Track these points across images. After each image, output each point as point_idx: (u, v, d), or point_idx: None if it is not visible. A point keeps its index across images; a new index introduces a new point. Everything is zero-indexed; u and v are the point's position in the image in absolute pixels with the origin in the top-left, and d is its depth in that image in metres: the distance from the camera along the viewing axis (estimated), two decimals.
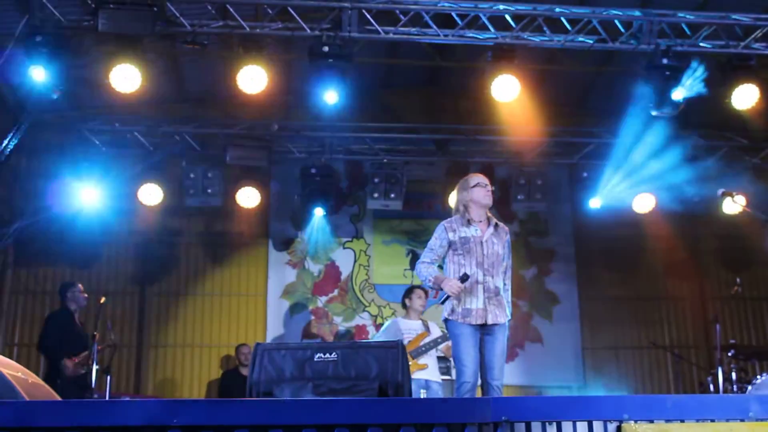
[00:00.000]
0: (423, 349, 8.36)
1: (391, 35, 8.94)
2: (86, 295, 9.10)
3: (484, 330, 5.93)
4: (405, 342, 8.10)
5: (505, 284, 6.17)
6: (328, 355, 4.50)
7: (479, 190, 6.18)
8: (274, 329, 11.86)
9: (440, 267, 6.28)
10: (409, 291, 8.81)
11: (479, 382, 5.95)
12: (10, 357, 7.03)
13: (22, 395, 4.01)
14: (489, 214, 6.26)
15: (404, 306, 8.85)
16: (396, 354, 4.49)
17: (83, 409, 3.73)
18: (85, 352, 8.37)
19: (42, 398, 4.27)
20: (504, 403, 3.77)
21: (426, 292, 8.68)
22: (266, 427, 3.56)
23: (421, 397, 8.08)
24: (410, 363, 8.04)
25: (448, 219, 6.29)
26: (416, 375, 8.11)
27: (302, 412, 3.60)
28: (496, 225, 6.21)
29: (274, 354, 4.52)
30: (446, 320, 6.06)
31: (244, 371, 10.64)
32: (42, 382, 4.54)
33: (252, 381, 4.45)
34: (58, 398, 4.75)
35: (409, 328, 8.45)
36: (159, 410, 3.63)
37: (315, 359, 4.49)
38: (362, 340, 11.23)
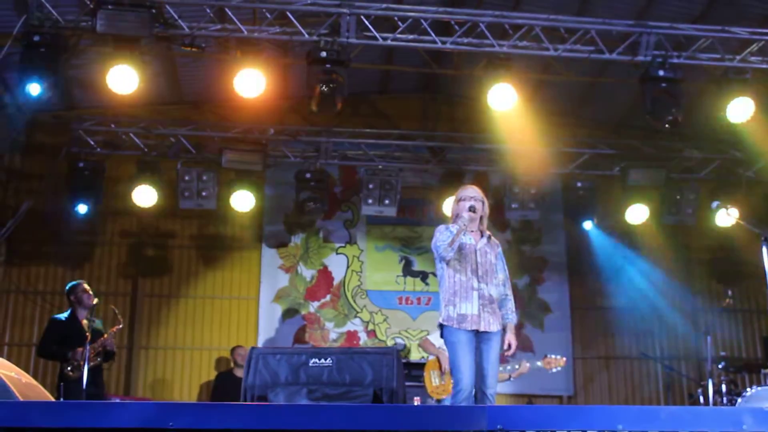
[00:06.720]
0: None
1: (389, 42, 8.95)
2: (91, 293, 8.40)
3: (479, 338, 5.95)
4: None
5: (507, 295, 6.22)
6: (323, 360, 4.49)
7: (464, 205, 6.21)
8: (265, 333, 11.83)
9: (434, 275, 6.29)
10: None
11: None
12: (1, 357, 6.98)
13: (16, 395, 3.99)
14: (482, 227, 6.29)
15: None
16: (391, 360, 4.49)
17: (77, 410, 3.71)
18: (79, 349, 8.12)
19: (36, 399, 4.24)
20: (500, 412, 3.77)
21: None
22: None
23: None
24: (446, 382, 8.09)
25: (446, 225, 6.33)
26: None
27: (298, 417, 3.60)
28: (489, 237, 6.26)
29: (269, 358, 4.51)
30: (441, 326, 6.07)
31: (239, 373, 10.61)
32: (36, 383, 4.52)
33: (247, 385, 4.43)
34: (52, 399, 4.73)
35: None
36: (154, 412, 3.61)
37: (310, 364, 4.49)
38: (356, 347, 11.20)
